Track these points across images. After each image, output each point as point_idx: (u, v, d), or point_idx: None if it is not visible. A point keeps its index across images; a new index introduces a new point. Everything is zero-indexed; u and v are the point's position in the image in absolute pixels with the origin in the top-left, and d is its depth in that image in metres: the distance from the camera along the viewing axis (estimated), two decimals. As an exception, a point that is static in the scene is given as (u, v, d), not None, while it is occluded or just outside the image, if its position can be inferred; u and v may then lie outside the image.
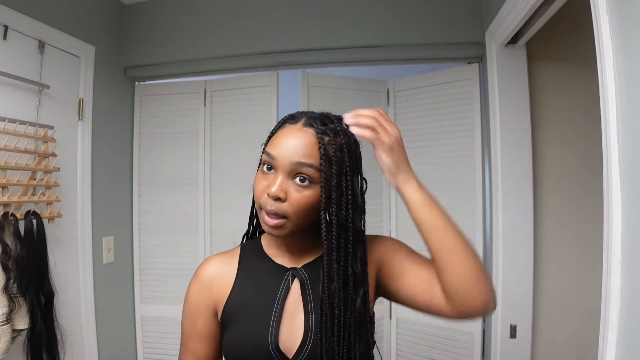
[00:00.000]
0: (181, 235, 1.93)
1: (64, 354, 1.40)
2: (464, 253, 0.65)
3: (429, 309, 0.70)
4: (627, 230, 0.70)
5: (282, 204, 0.65)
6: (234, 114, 1.90)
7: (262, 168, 0.69)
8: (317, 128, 0.66)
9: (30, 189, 1.40)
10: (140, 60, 1.93)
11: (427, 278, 0.70)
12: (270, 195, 0.65)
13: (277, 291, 0.72)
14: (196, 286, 0.77)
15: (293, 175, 0.65)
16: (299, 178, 0.65)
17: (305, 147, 0.65)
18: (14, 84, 1.37)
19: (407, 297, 0.73)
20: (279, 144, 0.67)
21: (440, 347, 1.70)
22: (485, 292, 0.65)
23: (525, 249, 1.47)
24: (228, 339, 0.73)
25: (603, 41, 0.74)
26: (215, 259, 0.79)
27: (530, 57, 1.49)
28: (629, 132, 0.70)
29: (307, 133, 0.66)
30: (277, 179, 0.65)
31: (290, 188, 0.65)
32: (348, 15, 1.72)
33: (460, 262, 0.64)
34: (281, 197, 0.65)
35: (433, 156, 1.74)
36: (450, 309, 0.67)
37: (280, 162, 0.65)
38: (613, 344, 0.71)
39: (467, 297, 0.64)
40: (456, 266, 0.64)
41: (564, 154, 1.50)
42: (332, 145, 0.66)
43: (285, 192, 0.65)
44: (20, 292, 1.25)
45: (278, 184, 0.65)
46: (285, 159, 0.65)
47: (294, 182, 0.65)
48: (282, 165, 0.65)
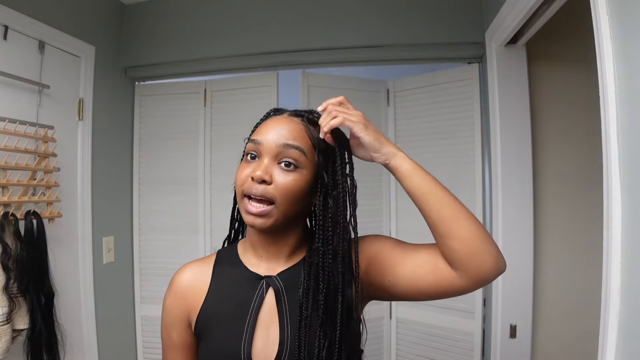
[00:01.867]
0: (181, 235, 1.93)
1: (64, 354, 1.40)
2: (466, 214, 0.64)
3: (437, 289, 0.66)
4: (627, 231, 0.70)
5: (269, 187, 0.64)
6: (234, 114, 1.90)
7: (245, 158, 0.68)
8: (304, 117, 0.69)
9: (30, 189, 1.40)
10: (140, 61, 1.93)
11: (426, 260, 0.67)
12: (256, 179, 0.63)
13: (251, 301, 0.69)
14: (170, 297, 0.75)
15: (279, 159, 0.65)
16: (284, 163, 0.65)
17: (292, 131, 0.66)
18: (14, 84, 1.37)
19: (407, 287, 0.68)
20: (265, 131, 0.67)
21: (440, 347, 1.70)
22: (495, 250, 0.63)
23: (525, 249, 1.47)
24: (201, 351, 0.70)
25: (603, 41, 0.74)
26: (189, 267, 0.76)
27: (530, 57, 1.49)
28: (629, 132, 0.70)
29: (294, 121, 0.68)
30: (262, 162, 0.65)
31: (276, 171, 0.65)
32: (348, 15, 1.72)
33: (465, 223, 0.63)
34: (266, 180, 0.63)
35: (433, 156, 1.74)
36: (462, 279, 0.63)
37: (265, 146, 0.65)
38: (613, 344, 0.71)
39: (478, 258, 0.62)
40: (462, 228, 0.63)
41: (563, 153, 1.51)
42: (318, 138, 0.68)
43: (270, 175, 0.64)
44: (21, 292, 1.25)
45: (264, 166, 0.64)
46: (272, 142, 0.65)
47: (279, 166, 0.65)
48: (268, 149, 0.65)
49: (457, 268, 0.63)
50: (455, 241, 0.63)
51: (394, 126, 1.87)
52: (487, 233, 0.64)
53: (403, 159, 0.67)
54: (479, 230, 0.63)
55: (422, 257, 0.67)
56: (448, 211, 0.64)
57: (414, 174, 0.66)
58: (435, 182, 0.66)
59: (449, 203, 0.64)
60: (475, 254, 0.62)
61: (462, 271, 0.63)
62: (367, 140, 0.66)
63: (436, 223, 0.64)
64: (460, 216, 0.63)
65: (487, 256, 0.62)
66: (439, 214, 0.64)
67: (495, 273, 0.64)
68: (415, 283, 0.67)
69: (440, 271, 0.65)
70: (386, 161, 0.67)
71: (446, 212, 0.64)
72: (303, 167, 0.66)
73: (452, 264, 0.64)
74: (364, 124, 0.66)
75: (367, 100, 1.87)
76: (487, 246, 0.63)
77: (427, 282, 0.66)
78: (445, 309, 1.67)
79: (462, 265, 0.63)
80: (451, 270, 0.64)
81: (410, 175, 0.66)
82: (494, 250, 0.63)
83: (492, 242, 0.64)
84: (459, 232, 0.63)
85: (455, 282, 0.64)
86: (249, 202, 0.65)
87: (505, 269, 0.65)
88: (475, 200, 1.64)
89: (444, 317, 1.69)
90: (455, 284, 0.64)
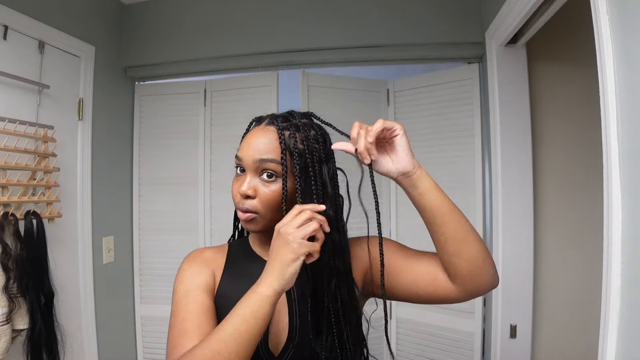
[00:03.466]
0: (181, 235, 1.93)
1: (64, 354, 1.40)
2: (475, 234, 0.67)
3: (434, 298, 0.71)
4: (627, 230, 0.70)
5: (252, 201, 0.68)
6: (234, 114, 1.90)
7: (236, 171, 0.72)
8: (278, 125, 0.69)
9: (30, 189, 1.40)
10: (140, 60, 1.93)
11: (426, 270, 0.71)
12: (240, 194, 0.69)
13: None
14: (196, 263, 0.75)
15: (259, 172, 0.68)
16: (265, 174, 0.68)
17: (266, 144, 0.68)
18: (14, 84, 1.37)
19: (406, 292, 0.73)
20: (244, 146, 0.70)
21: (440, 347, 1.70)
22: (493, 269, 0.68)
23: (525, 249, 1.47)
24: None
25: (603, 41, 0.74)
26: (207, 248, 0.80)
27: (530, 57, 1.49)
28: (628, 132, 0.70)
29: (269, 131, 0.69)
30: (246, 178, 0.69)
31: (258, 185, 0.69)
32: (348, 15, 1.72)
33: (473, 244, 0.66)
34: (250, 195, 0.68)
35: (433, 156, 1.74)
36: (458, 292, 0.69)
37: (245, 162, 0.69)
38: (613, 344, 0.71)
39: (479, 277, 0.67)
40: (470, 248, 0.66)
41: (563, 153, 1.50)
42: (293, 139, 0.68)
43: (254, 189, 0.68)
44: (20, 292, 1.25)
45: (247, 182, 0.68)
46: (249, 158, 0.68)
47: (261, 178, 0.69)
48: (248, 165, 0.69)
49: (456, 283, 0.68)
50: (462, 260, 0.67)
51: (394, 126, 1.86)
52: (488, 252, 0.69)
53: (427, 173, 0.68)
54: (483, 250, 0.67)
55: (423, 266, 0.72)
56: (462, 231, 0.66)
57: (437, 189, 0.67)
58: (452, 202, 0.68)
59: (464, 223, 0.67)
60: (477, 273, 0.67)
61: (460, 286, 0.68)
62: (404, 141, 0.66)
63: (448, 241, 0.67)
64: (470, 236, 0.67)
65: (486, 275, 0.68)
66: (453, 233, 0.66)
67: (488, 289, 0.70)
68: (414, 290, 0.73)
69: (439, 283, 0.70)
70: (413, 168, 0.66)
71: (460, 232, 0.66)
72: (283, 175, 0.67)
73: (452, 279, 0.69)
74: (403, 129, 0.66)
75: (367, 100, 1.87)
76: (488, 266, 0.68)
77: (426, 291, 0.71)
78: (445, 309, 1.67)
79: (462, 282, 0.68)
80: (450, 284, 0.69)
81: (434, 190, 0.67)
82: (492, 269, 0.68)
83: (491, 261, 0.69)
84: (467, 251, 0.66)
85: (452, 294, 0.69)
86: (239, 211, 0.71)
87: (498, 284, 0.71)
88: (476, 200, 1.64)
89: (444, 317, 1.69)
90: (451, 295, 0.70)
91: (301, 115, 0.73)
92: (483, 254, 0.67)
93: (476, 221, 1.63)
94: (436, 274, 0.70)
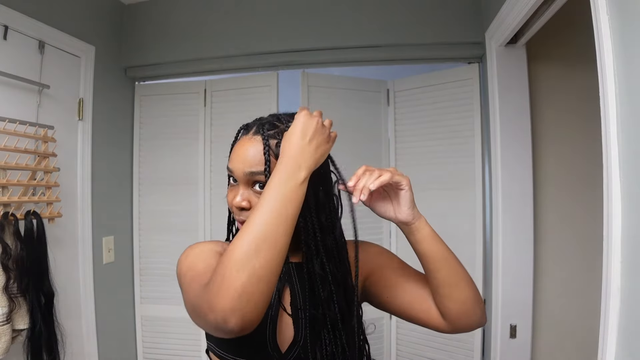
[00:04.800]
0: (181, 235, 1.93)
1: (64, 354, 1.40)
2: (467, 280, 0.71)
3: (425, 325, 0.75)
4: (627, 230, 0.70)
5: (247, 212, 0.68)
6: (234, 114, 1.90)
7: (229, 180, 0.72)
8: (264, 134, 0.67)
9: (30, 189, 1.40)
10: (140, 60, 1.93)
11: (423, 297, 0.74)
12: (235, 206, 0.68)
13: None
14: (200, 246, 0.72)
15: (252, 183, 0.68)
16: (257, 185, 0.67)
17: (254, 156, 0.67)
18: (14, 84, 1.37)
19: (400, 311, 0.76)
20: (234, 157, 0.70)
21: (440, 347, 1.70)
22: (481, 310, 0.72)
23: (525, 249, 1.47)
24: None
25: (603, 41, 0.74)
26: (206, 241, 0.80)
27: (530, 57, 1.49)
28: (629, 132, 0.70)
29: (255, 141, 0.68)
30: (239, 190, 0.68)
31: (252, 196, 0.68)
32: (348, 15, 1.72)
33: (464, 289, 0.70)
34: (245, 207, 0.67)
35: (433, 156, 1.74)
36: (447, 327, 0.72)
37: (236, 174, 0.68)
38: (613, 344, 0.71)
39: (467, 318, 0.71)
40: (461, 293, 0.69)
41: (563, 153, 1.51)
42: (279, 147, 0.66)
43: (248, 201, 0.68)
44: (20, 292, 1.25)
45: (240, 195, 0.68)
46: (239, 171, 0.67)
47: (253, 189, 0.68)
48: (239, 177, 0.68)
49: (445, 319, 0.72)
50: (452, 303, 0.70)
51: (394, 126, 1.87)
52: (478, 296, 0.72)
53: (426, 222, 0.71)
54: (473, 294, 0.71)
55: (421, 293, 0.74)
56: (454, 278, 0.70)
57: (434, 237, 0.70)
58: (447, 248, 0.71)
59: (457, 271, 0.70)
60: (465, 315, 0.70)
61: (449, 323, 0.72)
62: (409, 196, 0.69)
63: (440, 285, 0.70)
64: (462, 283, 0.70)
65: (474, 316, 0.71)
66: (445, 279, 0.69)
67: (475, 328, 0.74)
68: (407, 312, 0.76)
69: (431, 314, 0.73)
70: (413, 219, 0.69)
71: (452, 279, 0.69)
72: None
73: (443, 316, 0.72)
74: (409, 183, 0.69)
75: (367, 100, 1.87)
76: (476, 308, 0.71)
77: (418, 317, 0.75)
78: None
79: (451, 320, 0.71)
80: (441, 318, 0.72)
81: (431, 238, 0.70)
82: (479, 310, 0.72)
83: (480, 303, 0.72)
84: (457, 296, 0.70)
85: (441, 327, 0.73)
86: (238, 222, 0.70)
87: (485, 324, 0.76)
88: (475, 200, 1.64)
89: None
90: (440, 327, 0.73)
91: (288, 117, 0.71)
92: (472, 298, 0.70)
93: (476, 221, 1.63)
94: (430, 306, 0.73)
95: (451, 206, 1.68)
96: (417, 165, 1.78)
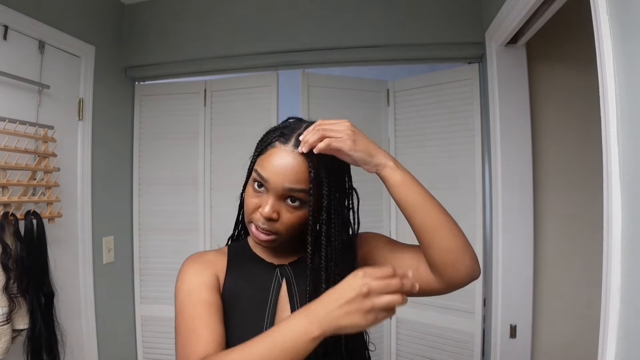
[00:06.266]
0: (181, 235, 1.93)
1: (64, 354, 1.40)
2: (448, 227, 0.68)
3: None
4: (627, 230, 0.70)
5: (275, 224, 0.67)
6: (234, 114, 1.90)
7: (253, 184, 0.69)
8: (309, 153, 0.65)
9: (30, 189, 1.40)
10: (140, 60, 1.93)
11: (409, 261, 0.72)
12: (264, 216, 0.66)
13: (270, 286, 0.73)
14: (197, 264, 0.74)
15: (285, 197, 0.67)
16: (290, 199, 0.67)
17: (297, 173, 0.65)
18: (14, 84, 1.37)
19: None
20: (269, 166, 0.66)
21: (440, 347, 1.70)
22: (470, 260, 0.68)
23: (525, 249, 1.47)
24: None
25: (603, 41, 0.74)
26: (207, 251, 0.79)
27: (530, 57, 1.49)
28: (628, 132, 0.70)
29: (299, 157, 0.66)
30: (269, 200, 0.66)
31: (282, 209, 0.67)
32: (348, 15, 1.72)
33: (446, 236, 0.67)
34: (274, 218, 0.67)
35: (433, 156, 1.74)
36: (438, 283, 0.69)
37: (272, 185, 0.66)
38: (613, 344, 0.71)
39: (453, 269, 0.67)
40: (442, 240, 0.67)
41: (563, 153, 1.51)
42: (322, 167, 0.66)
43: (277, 213, 0.67)
44: (21, 292, 1.25)
45: (270, 205, 0.66)
46: (277, 184, 0.65)
47: (285, 203, 0.67)
48: (274, 189, 0.66)
49: (434, 273, 0.69)
50: (434, 251, 0.68)
51: (394, 126, 1.87)
52: (466, 244, 0.69)
53: (393, 170, 0.68)
54: (458, 242, 0.68)
55: (406, 258, 0.73)
56: (431, 224, 0.67)
57: (402, 185, 0.68)
58: (423, 194, 0.68)
59: (433, 216, 0.67)
60: (450, 264, 0.67)
61: (438, 277, 0.69)
62: (357, 157, 0.66)
63: (419, 233, 0.69)
64: (442, 230, 0.67)
65: (461, 267, 0.67)
66: (421, 225, 0.68)
67: (467, 281, 0.69)
68: None
69: (420, 273, 0.70)
70: (376, 172, 0.69)
71: (429, 225, 0.67)
72: (307, 201, 0.67)
73: (431, 269, 0.69)
74: (352, 139, 0.65)
75: (367, 100, 1.87)
76: (463, 258, 0.67)
77: None
78: (445, 309, 1.67)
79: (439, 272, 0.68)
80: (430, 274, 0.70)
81: (398, 186, 0.68)
82: (469, 261, 0.68)
83: (468, 253, 0.68)
84: (438, 244, 0.67)
85: (433, 284, 0.70)
86: (256, 230, 0.69)
87: (479, 275, 0.70)
88: (475, 200, 1.64)
89: (444, 317, 1.69)
90: (432, 285, 0.70)
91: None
92: (459, 245, 0.67)
93: (476, 221, 1.63)
94: (418, 264, 0.71)
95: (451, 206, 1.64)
96: (417, 165, 1.78)
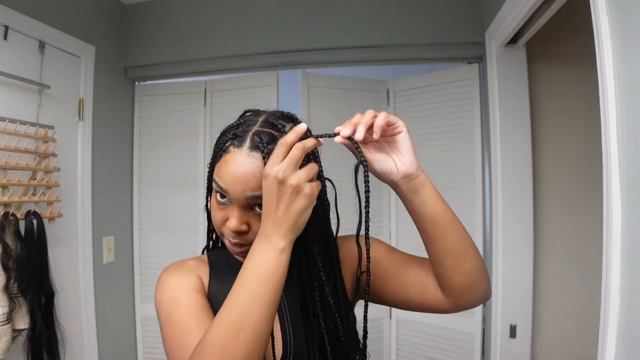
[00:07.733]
0: (181, 235, 1.93)
1: (64, 353, 1.40)
2: (474, 249, 0.63)
3: (423, 307, 0.68)
4: (627, 230, 0.70)
5: (247, 235, 0.61)
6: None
7: (215, 196, 0.62)
8: (264, 151, 0.57)
9: (30, 189, 1.40)
10: (140, 60, 1.93)
11: (416, 278, 0.67)
12: (232, 230, 0.60)
13: None
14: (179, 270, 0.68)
15: (250, 205, 0.60)
16: (257, 206, 0.60)
17: (256, 178, 0.57)
18: (14, 84, 1.37)
19: (394, 298, 0.70)
20: (227, 175, 0.58)
21: (440, 347, 1.70)
22: (486, 284, 0.65)
23: (525, 249, 1.47)
24: None
25: (603, 41, 0.74)
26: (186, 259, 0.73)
27: (530, 57, 1.49)
28: (628, 132, 0.70)
29: (254, 158, 0.58)
30: (234, 212, 0.60)
31: (251, 218, 0.61)
32: (348, 15, 1.72)
33: (471, 258, 0.62)
34: (244, 230, 0.60)
35: (433, 156, 1.74)
36: (448, 304, 0.65)
37: (233, 196, 0.59)
38: (613, 344, 0.71)
39: (472, 292, 0.63)
40: (467, 263, 0.62)
41: (563, 153, 1.51)
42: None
43: (247, 224, 0.61)
44: (21, 292, 1.25)
45: (237, 218, 0.60)
46: (238, 194, 0.58)
47: (253, 211, 0.61)
48: (237, 200, 0.59)
49: (447, 295, 0.65)
50: (457, 274, 0.62)
51: (394, 126, 1.86)
52: (484, 266, 0.65)
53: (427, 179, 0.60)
54: (480, 264, 0.63)
55: (412, 274, 0.68)
56: (462, 246, 0.62)
57: (439, 197, 0.61)
58: (453, 214, 0.62)
59: (464, 236, 0.62)
60: (470, 287, 0.63)
61: (451, 299, 0.65)
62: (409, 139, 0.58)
63: (445, 255, 0.62)
64: (469, 251, 0.62)
65: (479, 290, 0.64)
66: (452, 247, 0.61)
67: (481, 303, 0.66)
68: (402, 298, 0.69)
69: (428, 293, 0.66)
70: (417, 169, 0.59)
71: (460, 247, 0.62)
72: None
73: (443, 290, 0.65)
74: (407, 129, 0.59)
75: (367, 100, 1.87)
76: (482, 280, 0.64)
77: (414, 300, 0.68)
78: (445, 309, 1.67)
79: (454, 295, 0.64)
80: (440, 294, 0.65)
81: (437, 197, 0.60)
82: (485, 283, 0.65)
83: (486, 275, 0.65)
84: (463, 266, 0.62)
85: (442, 305, 0.66)
86: (229, 244, 0.63)
87: (490, 298, 0.68)
88: (475, 200, 1.64)
89: (443, 317, 1.69)
90: (441, 306, 0.66)
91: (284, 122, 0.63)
92: (479, 268, 0.63)
93: (476, 221, 1.63)
94: (425, 283, 0.66)
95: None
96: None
